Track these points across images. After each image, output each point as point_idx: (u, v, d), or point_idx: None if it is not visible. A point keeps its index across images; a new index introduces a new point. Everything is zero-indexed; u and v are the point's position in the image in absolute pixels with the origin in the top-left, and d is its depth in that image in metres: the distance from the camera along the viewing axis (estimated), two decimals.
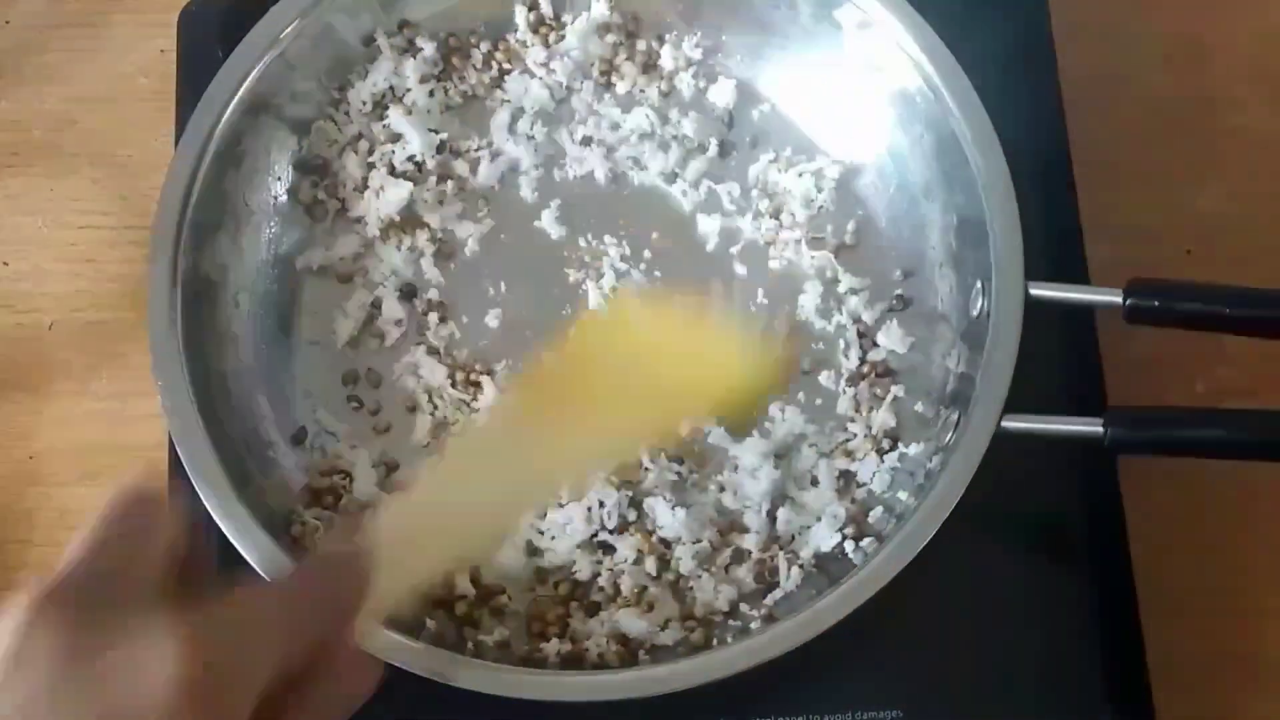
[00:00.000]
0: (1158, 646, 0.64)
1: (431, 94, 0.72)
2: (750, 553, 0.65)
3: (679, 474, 0.66)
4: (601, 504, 0.64)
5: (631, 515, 0.65)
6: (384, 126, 0.72)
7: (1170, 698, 0.63)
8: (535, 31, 0.73)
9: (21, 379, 0.73)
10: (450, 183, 0.72)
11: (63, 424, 0.72)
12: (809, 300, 0.69)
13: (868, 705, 0.62)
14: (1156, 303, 0.61)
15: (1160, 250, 0.74)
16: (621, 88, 0.73)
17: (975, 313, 0.64)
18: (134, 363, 0.72)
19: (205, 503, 0.60)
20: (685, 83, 0.73)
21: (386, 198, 0.70)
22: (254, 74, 0.68)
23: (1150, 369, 0.70)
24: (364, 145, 0.72)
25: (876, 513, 0.64)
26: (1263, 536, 0.70)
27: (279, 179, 0.71)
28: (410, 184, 0.71)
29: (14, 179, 0.77)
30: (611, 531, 0.64)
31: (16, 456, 0.72)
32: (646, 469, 0.65)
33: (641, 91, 0.73)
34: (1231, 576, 0.69)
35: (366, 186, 0.71)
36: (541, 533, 0.65)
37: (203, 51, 0.73)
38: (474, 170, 0.72)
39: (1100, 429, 0.60)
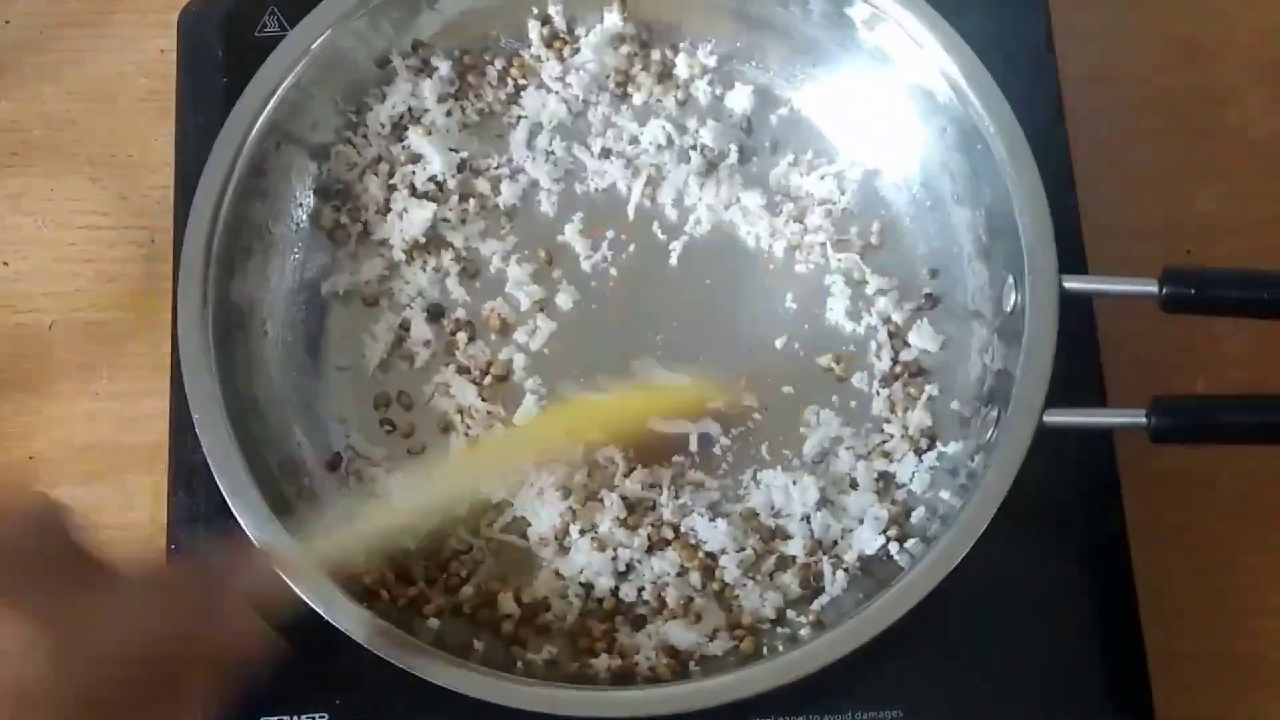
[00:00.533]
0: (1158, 646, 0.64)
1: (449, 113, 0.72)
2: (795, 559, 0.64)
3: (703, 484, 0.66)
4: (615, 554, 0.64)
5: (669, 534, 0.65)
6: (404, 148, 0.71)
7: (1170, 698, 0.63)
8: (549, 46, 0.73)
9: (21, 379, 0.73)
10: (472, 201, 0.71)
11: (63, 424, 0.72)
12: (837, 303, 0.69)
13: (868, 705, 0.62)
14: (1193, 291, 0.60)
15: (1160, 250, 0.73)
16: (638, 98, 0.73)
17: (1009, 308, 0.64)
18: (134, 363, 0.72)
19: (247, 531, 0.59)
20: (701, 90, 0.73)
21: (410, 219, 0.70)
22: (272, 103, 0.67)
23: (1148, 368, 0.70)
24: (384, 167, 0.71)
25: (919, 513, 0.64)
26: (1262, 536, 0.70)
27: (300, 205, 0.70)
28: (433, 204, 0.70)
29: (14, 179, 0.77)
30: (638, 562, 0.64)
31: (16, 456, 0.71)
32: (660, 504, 0.65)
33: (658, 101, 0.73)
34: (1231, 576, 0.69)
35: (389, 209, 0.71)
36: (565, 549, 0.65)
37: (203, 51, 0.73)
38: (495, 188, 0.72)
39: (1144, 419, 0.59)
